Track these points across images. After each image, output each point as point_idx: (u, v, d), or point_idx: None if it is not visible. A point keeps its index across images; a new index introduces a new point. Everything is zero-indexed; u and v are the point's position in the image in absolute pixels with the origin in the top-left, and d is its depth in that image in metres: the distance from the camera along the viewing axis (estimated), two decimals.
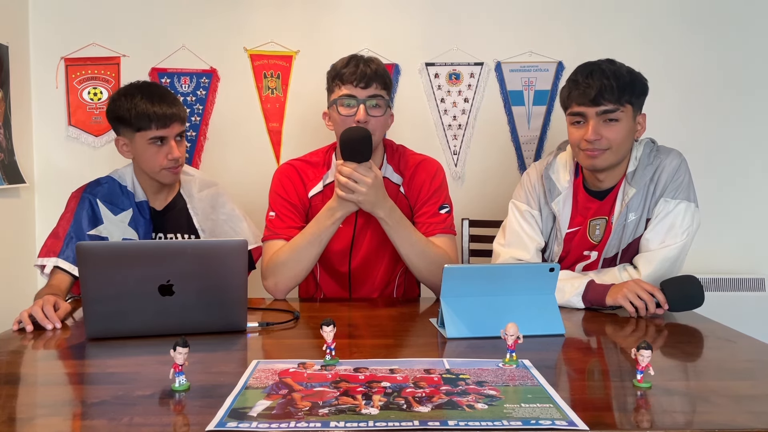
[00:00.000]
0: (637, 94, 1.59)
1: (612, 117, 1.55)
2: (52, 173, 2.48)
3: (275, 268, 1.68)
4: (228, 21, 2.47)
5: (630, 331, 1.38)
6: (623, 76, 1.56)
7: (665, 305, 1.45)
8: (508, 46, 2.49)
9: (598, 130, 1.56)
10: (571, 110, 1.61)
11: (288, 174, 1.79)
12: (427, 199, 1.75)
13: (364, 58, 1.67)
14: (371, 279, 1.80)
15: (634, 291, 1.47)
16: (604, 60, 1.62)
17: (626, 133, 1.58)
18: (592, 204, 1.67)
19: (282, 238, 1.73)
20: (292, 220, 1.75)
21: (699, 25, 2.48)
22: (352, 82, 1.62)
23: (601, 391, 1.00)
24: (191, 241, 1.68)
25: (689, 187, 1.61)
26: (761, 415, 0.88)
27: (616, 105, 1.55)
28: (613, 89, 1.54)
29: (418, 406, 0.88)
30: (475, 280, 1.32)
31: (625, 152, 1.61)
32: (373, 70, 1.63)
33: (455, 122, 2.53)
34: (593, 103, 1.55)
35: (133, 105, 1.68)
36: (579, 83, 1.58)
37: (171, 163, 1.73)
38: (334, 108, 1.65)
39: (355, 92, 1.62)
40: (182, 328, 1.26)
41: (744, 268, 2.54)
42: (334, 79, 1.66)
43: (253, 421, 0.84)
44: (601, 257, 1.66)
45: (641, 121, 1.63)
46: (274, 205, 1.77)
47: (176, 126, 1.72)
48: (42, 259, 1.66)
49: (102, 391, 0.99)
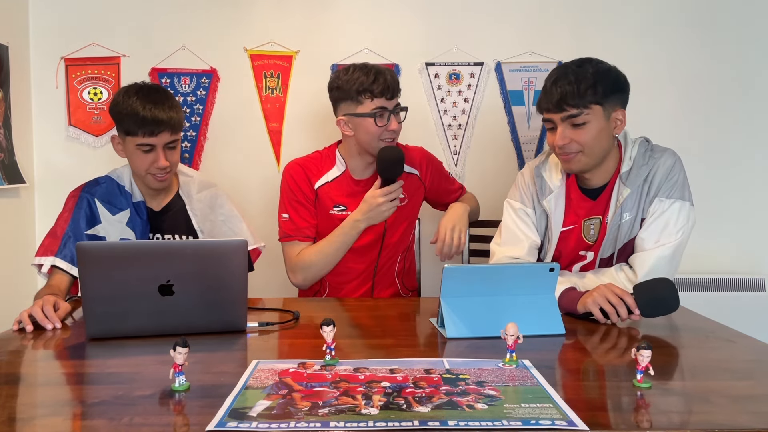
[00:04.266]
0: (605, 93, 1.56)
1: (577, 121, 1.55)
2: (52, 173, 2.48)
3: (305, 268, 1.87)
4: (228, 21, 2.46)
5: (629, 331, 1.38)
6: (586, 79, 1.54)
7: (635, 310, 1.38)
8: (508, 46, 2.49)
9: (565, 134, 1.56)
10: (542, 117, 1.63)
11: (294, 172, 1.92)
12: (440, 181, 2.04)
13: (381, 70, 1.81)
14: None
15: (603, 295, 1.41)
16: (575, 61, 1.61)
17: (597, 134, 1.56)
18: (585, 203, 1.67)
19: (301, 239, 1.89)
20: (305, 220, 1.89)
21: (698, 24, 2.48)
22: (385, 95, 1.79)
23: (601, 391, 1.00)
24: (191, 241, 1.68)
25: (684, 186, 1.61)
26: (761, 415, 0.88)
27: (580, 108, 1.54)
28: (574, 94, 1.53)
29: (418, 406, 0.88)
30: (475, 280, 1.32)
31: (601, 151, 1.60)
32: (395, 81, 1.82)
33: (455, 122, 2.53)
34: (558, 108, 1.56)
35: (127, 106, 1.67)
36: (546, 90, 1.59)
37: (157, 171, 1.71)
38: (369, 120, 1.79)
39: (386, 104, 1.80)
40: (182, 328, 1.26)
41: (744, 268, 2.54)
42: (362, 93, 1.78)
43: (253, 421, 0.84)
44: (597, 257, 1.66)
45: (620, 117, 1.60)
46: (288, 205, 1.90)
47: (165, 135, 1.68)
48: (39, 258, 1.66)
49: (102, 391, 0.99)
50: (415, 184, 1.96)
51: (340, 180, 1.91)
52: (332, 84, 1.85)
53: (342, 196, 1.89)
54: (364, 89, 1.77)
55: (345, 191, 1.90)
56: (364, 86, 1.77)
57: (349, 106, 1.81)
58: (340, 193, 1.90)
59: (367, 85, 1.77)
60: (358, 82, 1.78)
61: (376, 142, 1.81)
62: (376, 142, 1.81)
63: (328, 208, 1.89)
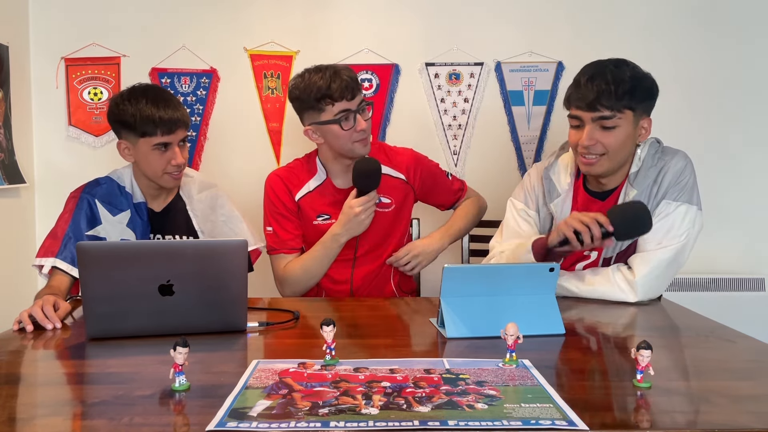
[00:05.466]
0: (640, 99, 1.54)
1: (608, 124, 1.53)
2: (52, 173, 2.48)
3: (291, 283, 1.85)
4: (228, 21, 2.47)
5: (630, 331, 1.38)
6: (624, 82, 1.51)
7: (609, 226, 1.44)
8: (508, 46, 2.49)
9: (593, 135, 1.54)
10: (570, 112, 1.60)
11: (274, 185, 1.90)
12: (433, 182, 1.97)
13: (337, 69, 1.75)
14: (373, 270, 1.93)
15: (575, 218, 1.47)
16: (612, 60, 1.58)
17: (624, 139, 1.55)
18: (593, 205, 1.66)
19: (286, 252, 1.87)
20: (288, 232, 1.87)
21: (699, 24, 2.48)
22: (345, 97, 1.73)
23: (601, 391, 1.00)
24: (191, 241, 1.68)
25: (692, 190, 1.59)
26: (761, 415, 0.87)
27: (614, 112, 1.51)
28: (611, 95, 1.50)
29: (418, 406, 0.88)
30: (475, 280, 1.32)
31: (623, 157, 1.59)
32: (353, 79, 1.75)
33: (455, 122, 2.53)
34: (590, 108, 1.53)
35: (137, 110, 1.66)
36: (580, 86, 1.55)
37: (174, 169, 1.72)
38: (335, 127, 1.75)
39: (348, 106, 1.74)
40: (182, 328, 1.25)
41: (744, 268, 2.54)
42: (320, 99, 1.73)
43: (253, 421, 0.84)
44: (601, 257, 1.66)
45: (646, 126, 1.59)
46: (270, 218, 1.88)
47: (180, 131, 1.72)
48: (40, 259, 1.66)
49: (102, 391, 0.99)
50: (402, 188, 1.92)
51: (322, 189, 1.88)
52: (291, 94, 1.81)
53: (324, 206, 1.87)
54: (323, 95, 1.72)
55: (327, 200, 1.87)
56: (322, 92, 1.72)
57: (313, 114, 1.78)
58: (323, 202, 1.87)
59: (324, 90, 1.71)
60: (315, 88, 1.72)
61: (349, 145, 1.77)
62: (349, 144, 1.77)
63: (312, 218, 1.87)
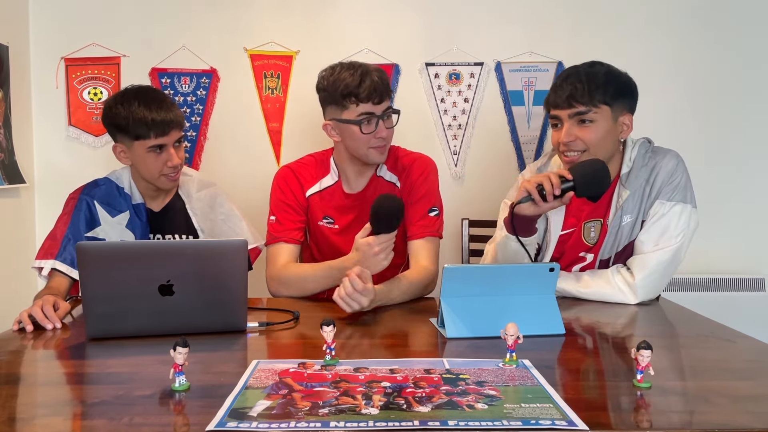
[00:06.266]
0: (614, 95, 1.58)
1: (585, 118, 1.57)
2: (52, 173, 2.48)
3: (284, 285, 1.72)
4: (228, 21, 2.47)
5: (629, 331, 1.38)
6: (597, 78, 1.57)
7: (568, 175, 1.49)
8: (508, 46, 2.49)
9: (571, 131, 1.58)
10: (549, 114, 1.65)
11: (286, 177, 1.83)
12: (418, 200, 1.76)
13: (368, 70, 1.67)
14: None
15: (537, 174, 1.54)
16: (588, 62, 1.63)
17: (603, 135, 1.58)
18: (585, 206, 1.67)
19: (284, 241, 1.77)
20: (292, 222, 1.80)
21: (699, 24, 2.48)
22: (372, 99, 1.65)
23: (601, 391, 1.00)
24: (191, 241, 1.68)
25: (686, 189, 1.60)
26: (761, 415, 0.87)
27: (589, 106, 1.56)
28: (584, 91, 1.56)
29: (418, 406, 0.88)
30: (475, 280, 1.32)
31: (605, 154, 1.60)
32: (384, 82, 1.67)
33: (455, 122, 2.53)
34: (566, 105, 1.58)
35: (130, 113, 1.66)
36: (555, 87, 1.61)
37: (170, 170, 1.72)
38: (355, 128, 1.68)
39: (373, 110, 1.67)
40: (182, 328, 1.25)
41: (744, 268, 2.54)
42: (346, 96, 1.66)
43: (253, 421, 0.84)
44: (597, 259, 1.66)
45: (627, 122, 1.62)
46: (275, 209, 1.82)
47: (175, 132, 1.71)
48: (39, 261, 1.66)
49: (102, 391, 0.99)
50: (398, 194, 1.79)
51: (332, 191, 1.82)
52: (319, 84, 1.75)
53: (331, 209, 1.83)
54: (349, 93, 1.65)
55: (335, 204, 1.83)
56: (349, 89, 1.64)
57: (335, 110, 1.71)
58: (330, 205, 1.83)
59: (352, 89, 1.64)
60: (343, 84, 1.65)
61: (365, 149, 1.71)
62: (365, 149, 1.71)
63: (318, 218, 1.84)
